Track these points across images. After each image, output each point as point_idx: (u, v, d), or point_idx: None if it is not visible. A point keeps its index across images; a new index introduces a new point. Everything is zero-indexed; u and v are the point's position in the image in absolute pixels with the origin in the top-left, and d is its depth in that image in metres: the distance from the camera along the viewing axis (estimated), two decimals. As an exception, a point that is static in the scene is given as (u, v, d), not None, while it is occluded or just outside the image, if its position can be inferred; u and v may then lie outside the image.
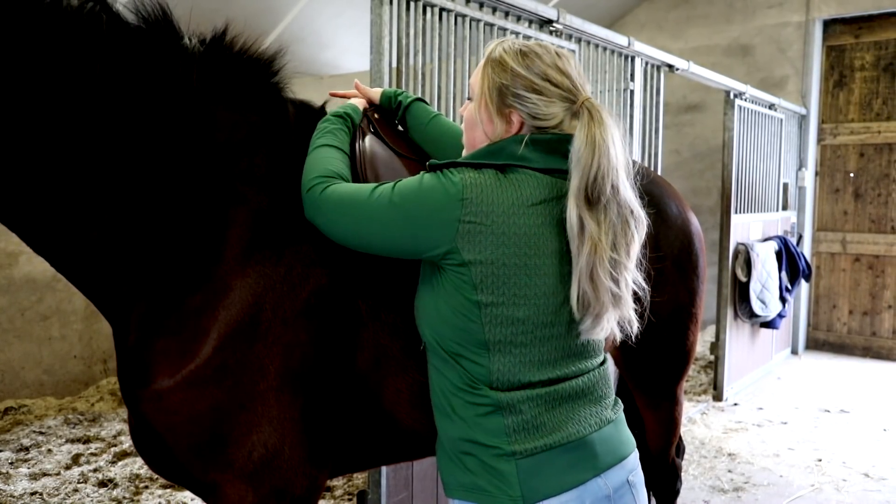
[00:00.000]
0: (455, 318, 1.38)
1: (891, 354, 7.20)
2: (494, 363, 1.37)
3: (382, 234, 1.41)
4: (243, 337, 1.49)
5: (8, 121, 1.35)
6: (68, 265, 1.53)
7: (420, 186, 1.39)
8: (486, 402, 1.37)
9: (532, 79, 1.41)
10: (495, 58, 1.46)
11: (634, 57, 4.18)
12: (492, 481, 1.34)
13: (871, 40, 7.26)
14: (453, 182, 1.37)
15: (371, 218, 1.41)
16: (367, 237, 1.44)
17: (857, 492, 4.00)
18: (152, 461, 1.62)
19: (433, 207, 1.36)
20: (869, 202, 7.34)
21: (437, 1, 2.72)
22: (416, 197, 1.38)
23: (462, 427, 1.39)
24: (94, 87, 1.42)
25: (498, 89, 1.44)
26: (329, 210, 1.46)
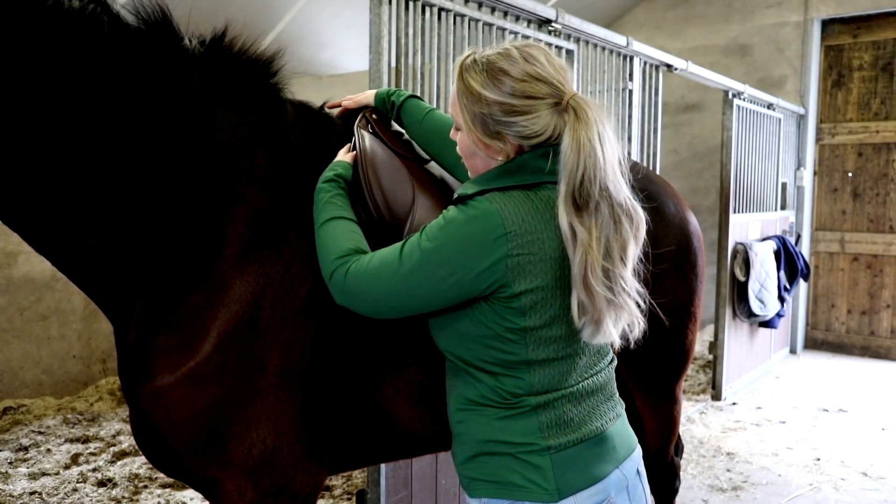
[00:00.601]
0: (494, 342, 1.35)
1: (889, 354, 7.21)
2: (535, 377, 1.37)
3: (427, 296, 1.34)
4: (243, 335, 1.50)
5: (10, 122, 1.36)
6: (70, 264, 1.54)
7: (457, 232, 1.32)
8: (523, 405, 1.37)
9: (508, 101, 1.34)
10: (464, 87, 1.38)
11: (633, 57, 4.19)
12: (526, 477, 1.35)
13: (870, 40, 7.27)
14: (490, 216, 1.30)
15: (410, 283, 1.33)
16: (410, 304, 1.36)
17: (855, 491, 4.01)
18: (154, 458, 1.64)
19: (477, 253, 1.30)
20: (867, 202, 7.35)
21: (435, 0, 2.72)
22: (456, 245, 1.31)
23: (491, 428, 1.38)
24: (95, 88, 1.43)
25: (480, 120, 1.37)
26: (361, 291, 1.37)
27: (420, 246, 1.34)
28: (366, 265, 1.38)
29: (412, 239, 1.36)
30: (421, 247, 1.33)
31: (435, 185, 1.80)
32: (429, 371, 1.70)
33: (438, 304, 1.35)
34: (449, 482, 2.99)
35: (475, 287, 1.31)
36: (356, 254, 1.42)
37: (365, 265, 1.38)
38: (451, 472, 2.99)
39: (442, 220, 1.35)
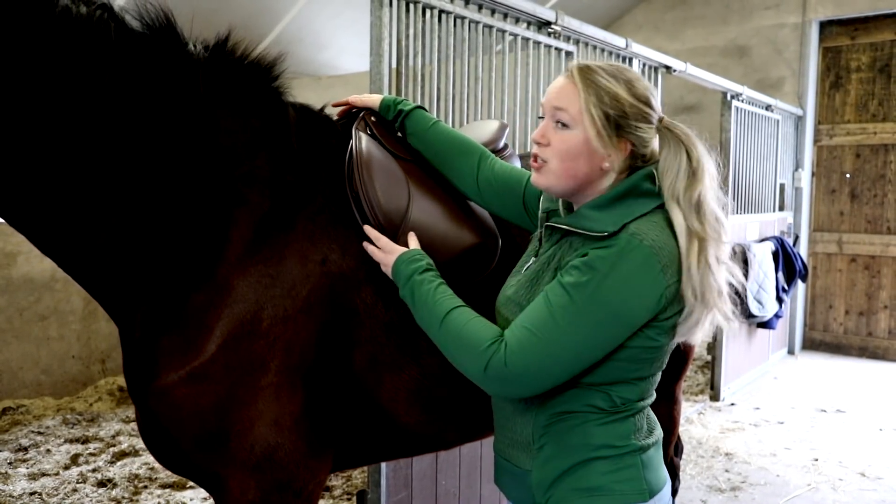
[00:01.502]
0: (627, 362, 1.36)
1: (886, 354, 7.24)
2: (648, 385, 1.44)
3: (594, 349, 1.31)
4: (245, 334, 1.51)
5: (20, 126, 1.38)
6: (75, 265, 1.56)
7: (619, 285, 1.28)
8: (628, 410, 1.41)
9: (638, 106, 1.38)
10: (595, 86, 1.38)
11: (632, 58, 4.20)
12: (620, 479, 1.37)
13: (867, 42, 7.29)
14: (645, 253, 1.30)
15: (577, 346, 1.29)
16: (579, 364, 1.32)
17: (853, 491, 4.02)
18: (160, 455, 1.66)
19: (642, 299, 1.29)
20: (865, 203, 7.38)
21: (436, 3, 2.73)
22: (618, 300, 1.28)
23: (589, 434, 1.39)
24: (103, 93, 1.44)
25: (614, 120, 1.37)
26: (528, 370, 1.29)
27: (576, 304, 1.29)
28: (521, 342, 1.30)
29: (556, 293, 1.31)
30: (576, 307, 1.29)
31: (434, 187, 1.82)
32: (427, 370, 1.71)
33: (609, 348, 1.32)
34: (449, 483, 3.00)
35: (639, 324, 1.32)
36: (499, 337, 1.33)
37: (520, 343, 1.30)
38: (451, 473, 3.00)
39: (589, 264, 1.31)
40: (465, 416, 1.81)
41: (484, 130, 2.06)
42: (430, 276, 1.49)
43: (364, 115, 1.84)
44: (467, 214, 1.83)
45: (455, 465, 3.02)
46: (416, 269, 1.51)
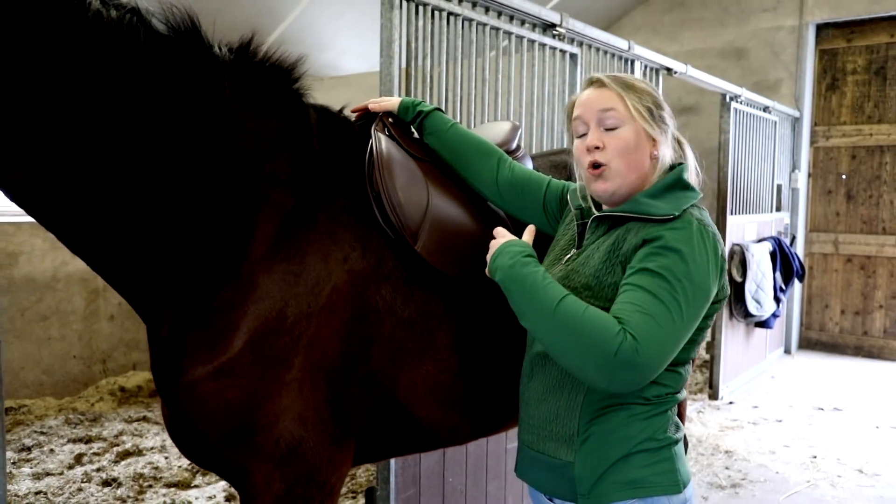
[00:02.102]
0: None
1: (882, 353, 7.30)
2: (685, 373, 1.52)
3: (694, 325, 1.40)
4: (270, 331, 1.54)
5: (54, 129, 1.41)
6: (105, 264, 1.58)
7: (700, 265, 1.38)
8: (667, 402, 1.48)
9: (665, 105, 1.58)
10: (626, 85, 1.54)
11: (634, 60, 4.24)
12: (658, 471, 1.43)
13: (863, 44, 7.36)
14: (713, 239, 1.44)
15: (689, 323, 1.38)
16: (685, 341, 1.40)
17: (851, 487, 4.07)
18: (186, 449, 1.68)
19: (713, 279, 1.41)
20: (860, 203, 7.44)
21: (444, 5, 2.76)
22: (704, 280, 1.38)
23: (634, 427, 1.44)
24: (133, 97, 1.47)
25: (648, 111, 1.53)
26: (654, 356, 1.31)
27: (675, 286, 1.35)
28: (642, 329, 1.31)
29: (650, 279, 1.36)
30: (676, 287, 1.35)
31: (450, 186, 1.85)
32: (444, 365, 1.74)
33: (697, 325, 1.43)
34: (456, 480, 3.03)
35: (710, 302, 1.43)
36: (619, 324, 1.32)
37: (642, 329, 1.30)
38: (457, 471, 3.03)
39: (672, 247, 1.39)
40: (480, 412, 1.84)
41: (497, 131, 2.10)
42: (535, 263, 1.48)
43: (382, 116, 1.87)
44: (483, 213, 1.86)
45: (462, 462, 3.05)
46: (526, 253, 1.49)
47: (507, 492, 3.31)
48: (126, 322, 5.90)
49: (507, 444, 3.28)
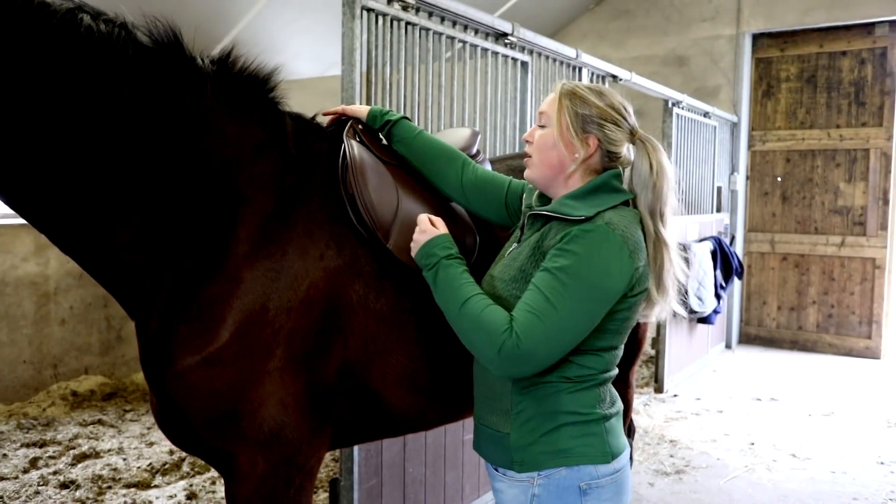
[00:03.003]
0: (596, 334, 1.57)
1: (815, 347, 7.70)
2: (612, 357, 1.64)
3: (586, 325, 1.52)
4: (254, 323, 1.65)
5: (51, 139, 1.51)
6: (95, 263, 1.68)
7: (598, 267, 1.50)
8: (594, 381, 1.61)
9: (607, 110, 1.65)
10: (572, 92, 1.67)
11: (581, 68, 4.43)
12: (586, 442, 1.57)
13: (795, 53, 7.75)
14: (618, 241, 1.52)
15: (573, 321, 1.49)
16: (574, 338, 1.52)
17: (785, 470, 4.34)
18: (174, 436, 1.77)
19: (617, 277, 1.52)
20: (795, 205, 7.83)
21: (403, 16, 2.89)
22: (599, 277, 1.50)
23: (565, 399, 1.58)
24: (124, 106, 1.57)
25: (581, 118, 1.65)
26: (535, 350, 1.48)
27: (566, 285, 1.49)
28: (527, 326, 1.48)
29: (546, 279, 1.51)
30: (567, 286, 1.49)
31: (417, 189, 1.98)
32: (412, 355, 1.87)
33: (597, 321, 1.54)
34: (416, 470, 3.15)
35: (615, 299, 1.54)
36: (508, 321, 1.51)
37: (527, 327, 1.48)
38: (417, 461, 3.15)
39: (583, 258, 1.51)
40: (444, 397, 1.97)
41: (458, 137, 2.24)
42: (457, 262, 1.66)
43: (352, 123, 1.99)
44: (448, 213, 2.00)
45: (421, 453, 3.17)
46: (445, 254, 1.66)
47: (465, 481, 3.44)
48: (78, 326, 5.84)
49: (463, 436, 3.41)
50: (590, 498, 1.56)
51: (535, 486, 1.58)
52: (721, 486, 4.11)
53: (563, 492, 1.56)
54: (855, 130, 7.50)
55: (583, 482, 1.56)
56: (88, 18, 1.53)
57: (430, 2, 3.03)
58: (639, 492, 3.99)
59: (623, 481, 1.62)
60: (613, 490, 1.59)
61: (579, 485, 1.56)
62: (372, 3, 2.73)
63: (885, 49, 7.33)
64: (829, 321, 7.68)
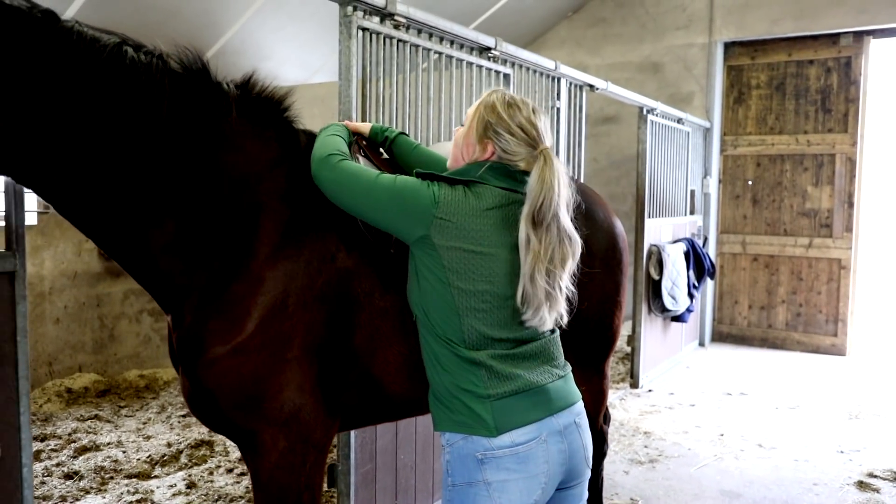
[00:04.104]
0: (433, 292, 1.78)
1: (784, 344, 8.02)
2: (465, 324, 1.77)
3: (377, 208, 1.81)
4: (276, 316, 1.88)
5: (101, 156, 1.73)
6: (136, 265, 1.90)
7: (413, 185, 1.81)
8: (466, 359, 1.77)
9: (509, 123, 1.83)
10: (489, 102, 1.88)
11: (560, 78, 4.67)
12: (473, 416, 1.74)
13: (765, 62, 8.07)
14: (433, 191, 1.80)
15: (371, 192, 1.82)
16: (364, 206, 1.83)
17: (752, 459, 4.61)
18: (204, 417, 2.00)
19: (418, 201, 1.78)
20: (765, 207, 8.15)
21: (394, 34, 3.11)
22: (409, 190, 1.79)
23: (450, 378, 1.78)
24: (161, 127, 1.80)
25: (484, 124, 1.86)
26: (342, 178, 1.86)
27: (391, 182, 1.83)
28: (353, 167, 1.89)
29: (388, 175, 1.86)
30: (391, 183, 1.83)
31: None
32: (411, 347, 2.09)
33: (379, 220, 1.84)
34: (406, 457, 3.37)
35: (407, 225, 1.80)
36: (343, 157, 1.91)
37: (353, 167, 1.89)
38: (408, 449, 3.37)
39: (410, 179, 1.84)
40: None
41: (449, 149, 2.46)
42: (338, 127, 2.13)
43: (357, 139, 2.21)
44: None
45: (412, 441, 3.39)
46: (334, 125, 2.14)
47: (452, 468, 3.66)
48: (72, 325, 5.99)
49: (451, 426, 3.64)
50: (487, 466, 1.71)
51: (446, 453, 1.79)
52: (692, 473, 4.38)
53: (465, 459, 1.74)
54: (822, 136, 7.83)
55: (478, 452, 1.72)
56: (132, 51, 1.75)
57: (420, 20, 3.25)
58: (614, 479, 4.24)
59: (528, 454, 1.72)
60: (515, 461, 1.72)
61: (475, 454, 1.72)
62: (366, 22, 2.94)
63: (850, 58, 7.67)
64: (797, 319, 8.00)
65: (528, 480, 1.72)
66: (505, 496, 1.71)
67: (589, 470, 1.89)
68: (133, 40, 1.79)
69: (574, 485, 1.84)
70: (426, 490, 3.52)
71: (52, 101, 1.65)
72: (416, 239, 1.80)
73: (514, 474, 1.71)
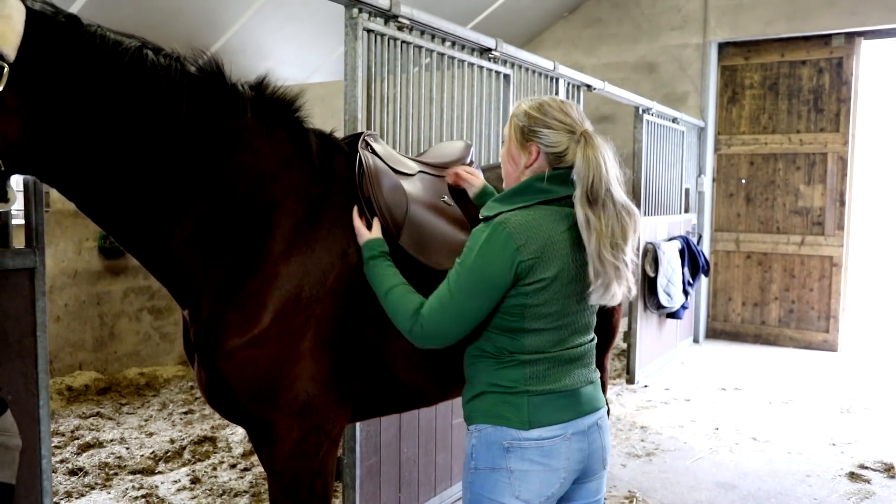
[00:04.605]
0: (503, 316, 1.79)
1: (777, 340, 8.12)
2: (528, 341, 1.80)
3: (479, 308, 1.77)
4: (290, 310, 1.94)
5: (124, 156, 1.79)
6: (156, 261, 1.97)
7: (483, 258, 1.74)
8: (515, 361, 1.82)
9: (544, 119, 1.84)
10: (518, 110, 1.90)
11: (559, 78, 4.75)
12: (509, 409, 1.80)
13: (759, 62, 8.17)
14: (505, 235, 1.73)
15: (465, 306, 1.76)
16: (472, 319, 1.78)
17: (746, 452, 4.70)
18: (221, 407, 2.06)
19: (500, 268, 1.73)
20: (758, 206, 8.25)
21: (398, 35, 3.17)
22: (484, 268, 1.74)
23: (494, 376, 1.83)
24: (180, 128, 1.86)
25: (521, 130, 1.87)
26: (436, 332, 1.80)
27: (458, 274, 1.78)
28: (430, 311, 1.80)
29: (452, 274, 1.80)
30: (460, 275, 1.78)
31: (419, 192, 2.29)
32: None
33: (488, 309, 1.78)
34: (410, 451, 3.43)
35: (504, 289, 1.75)
36: (421, 307, 1.83)
37: (430, 311, 1.80)
38: (412, 442, 3.44)
39: (472, 253, 1.77)
40: (443, 377, 2.26)
41: (454, 149, 2.54)
42: (383, 258, 2.00)
43: (364, 136, 2.27)
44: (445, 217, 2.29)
45: (415, 435, 3.46)
46: (374, 253, 2.00)
47: (453, 462, 3.74)
48: (72, 323, 6.03)
49: (452, 420, 3.71)
50: (512, 455, 1.77)
51: (473, 437, 1.85)
52: (687, 466, 4.46)
53: (491, 445, 1.80)
54: (814, 135, 7.93)
55: (506, 441, 1.79)
56: (152, 54, 1.81)
57: (423, 21, 3.31)
58: (612, 472, 4.32)
59: (552, 449, 1.79)
60: (539, 453, 1.78)
61: (503, 442, 1.79)
62: (372, 24, 3.01)
63: (842, 59, 7.77)
64: (790, 316, 8.10)
65: (549, 473, 1.78)
66: (525, 486, 1.77)
67: (606, 469, 1.94)
68: (152, 43, 1.85)
69: (591, 480, 1.90)
70: (429, 483, 3.58)
71: (78, 103, 1.70)
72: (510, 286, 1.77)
73: (536, 466, 1.77)
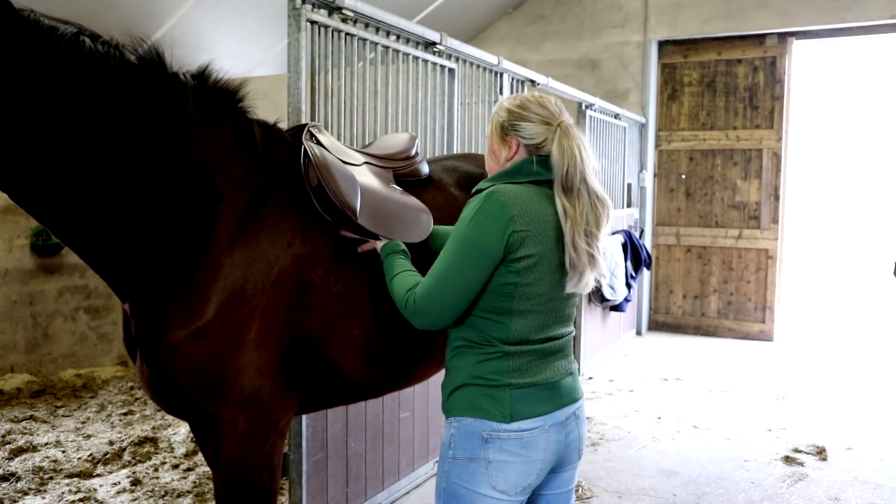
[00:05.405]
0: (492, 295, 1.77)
1: (716, 331, 8.36)
2: (513, 325, 1.78)
3: (470, 280, 1.73)
4: (234, 302, 1.91)
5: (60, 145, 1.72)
6: (94, 254, 1.89)
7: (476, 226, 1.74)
8: (500, 352, 1.80)
9: (523, 113, 1.86)
10: (498, 107, 1.93)
11: (503, 73, 4.77)
12: (490, 402, 1.79)
13: (697, 60, 8.38)
14: (499, 204, 1.73)
15: (457, 279, 1.73)
16: (463, 292, 1.74)
17: (687, 440, 4.82)
18: (164, 401, 2.00)
19: (494, 235, 1.72)
20: (697, 200, 8.46)
21: (342, 27, 3.14)
22: (477, 236, 1.73)
23: (476, 367, 1.81)
24: (118, 118, 1.80)
25: (501, 125, 1.89)
26: (428, 305, 1.77)
27: (453, 246, 1.76)
28: (423, 285, 1.79)
29: (446, 248, 1.78)
30: (454, 247, 1.76)
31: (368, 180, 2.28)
32: (365, 330, 2.14)
33: (479, 282, 1.75)
34: (357, 445, 3.41)
35: (498, 258, 1.73)
36: (414, 285, 1.83)
37: (422, 286, 1.79)
38: (359, 437, 3.42)
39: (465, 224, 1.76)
40: (392, 368, 2.25)
41: (398, 140, 2.52)
42: (395, 255, 2.00)
43: (309, 127, 2.24)
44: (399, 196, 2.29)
45: (362, 430, 3.44)
46: (386, 252, 2.02)
47: (401, 456, 3.73)
48: (2, 324, 5.80)
49: (400, 414, 3.70)
50: (491, 446, 1.77)
51: (452, 427, 1.84)
52: (631, 454, 4.55)
53: (470, 435, 1.80)
54: (750, 132, 8.18)
55: (485, 432, 1.79)
56: (89, 41, 1.74)
57: (367, 13, 3.29)
58: (558, 463, 4.37)
59: (531, 441, 1.79)
60: (518, 445, 1.78)
61: (482, 433, 1.79)
62: (315, 15, 2.97)
63: (775, 58, 8.03)
64: (728, 308, 8.34)
65: (527, 465, 1.78)
66: (502, 476, 1.77)
67: (580, 460, 1.95)
68: (89, 30, 1.78)
69: (565, 470, 1.91)
70: (376, 477, 3.57)
71: (10, 91, 1.63)
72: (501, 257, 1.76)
73: (514, 457, 1.77)
